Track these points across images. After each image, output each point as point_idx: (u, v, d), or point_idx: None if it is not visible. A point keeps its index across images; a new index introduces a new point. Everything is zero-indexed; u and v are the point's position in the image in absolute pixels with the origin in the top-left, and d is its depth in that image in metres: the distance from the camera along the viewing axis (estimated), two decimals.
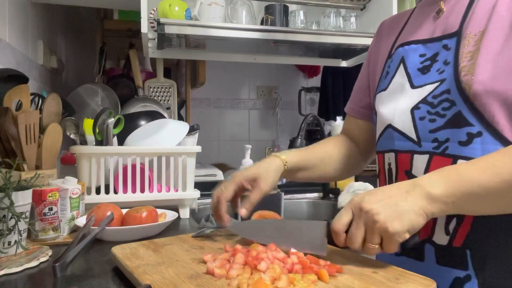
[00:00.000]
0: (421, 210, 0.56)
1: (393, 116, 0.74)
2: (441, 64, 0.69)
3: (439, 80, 0.68)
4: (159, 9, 1.42)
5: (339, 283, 0.54)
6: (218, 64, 2.55)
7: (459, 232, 0.65)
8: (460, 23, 0.68)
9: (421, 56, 0.73)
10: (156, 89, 1.93)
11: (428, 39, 0.73)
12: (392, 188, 0.60)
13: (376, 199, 0.58)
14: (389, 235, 0.55)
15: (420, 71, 0.72)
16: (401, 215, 0.55)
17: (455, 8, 0.71)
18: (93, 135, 1.16)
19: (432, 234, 0.68)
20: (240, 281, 0.53)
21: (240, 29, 1.44)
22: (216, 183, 1.69)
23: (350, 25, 1.66)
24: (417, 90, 0.71)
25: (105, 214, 0.91)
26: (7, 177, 0.77)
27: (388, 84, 0.79)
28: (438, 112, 0.67)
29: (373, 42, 0.94)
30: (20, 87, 0.97)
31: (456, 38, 0.68)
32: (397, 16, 0.91)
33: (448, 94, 0.66)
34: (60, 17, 1.97)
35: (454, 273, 0.65)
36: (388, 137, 0.76)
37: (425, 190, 0.56)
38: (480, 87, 0.62)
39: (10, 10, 1.24)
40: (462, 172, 0.57)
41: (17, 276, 0.68)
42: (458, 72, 0.65)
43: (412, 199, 0.56)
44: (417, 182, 0.58)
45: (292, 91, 2.84)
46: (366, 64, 0.94)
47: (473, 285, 0.64)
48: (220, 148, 2.78)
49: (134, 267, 0.62)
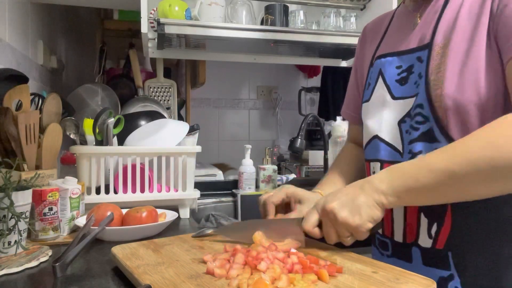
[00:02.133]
0: (374, 202, 0.63)
1: (380, 127, 0.78)
2: (416, 76, 0.72)
3: (415, 94, 0.71)
4: (159, 9, 1.42)
5: (339, 283, 0.54)
6: (218, 64, 2.55)
7: (440, 235, 0.69)
8: (431, 35, 0.71)
9: (398, 68, 0.77)
10: (156, 89, 1.93)
11: (402, 51, 0.76)
12: (349, 188, 0.67)
13: (335, 199, 0.65)
14: (353, 228, 0.63)
15: (399, 83, 0.76)
16: (359, 210, 0.63)
17: (427, 20, 0.74)
18: (93, 135, 1.16)
19: (417, 238, 0.73)
20: (240, 281, 0.53)
21: (240, 29, 1.45)
22: (216, 183, 1.70)
23: (350, 25, 1.66)
24: (399, 101, 0.75)
25: (105, 214, 0.90)
26: (7, 177, 0.77)
27: (370, 95, 0.83)
28: (412, 125, 0.71)
29: (358, 47, 0.96)
30: (20, 87, 0.97)
31: (428, 51, 0.70)
32: (378, 20, 0.93)
33: (421, 108, 0.69)
34: (60, 17, 1.97)
35: (439, 273, 0.70)
36: (374, 147, 0.80)
37: (375, 186, 0.64)
38: (449, 102, 0.65)
39: (10, 10, 1.24)
40: (403, 170, 0.64)
41: (17, 276, 0.68)
42: (429, 87, 0.68)
43: (365, 194, 0.64)
44: (368, 179, 0.66)
45: (292, 91, 2.84)
46: (354, 70, 0.97)
47: (456, 283, 0.68)
48: (220, 148, 2.78)
49: (134, 267, 0.62)
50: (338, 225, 0.64)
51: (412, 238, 0.73)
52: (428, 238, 0.71)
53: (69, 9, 2.12)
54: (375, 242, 0.85)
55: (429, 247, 0.71)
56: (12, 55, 1.23)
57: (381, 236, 0.81)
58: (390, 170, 0.65)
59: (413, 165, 0.63)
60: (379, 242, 0.82)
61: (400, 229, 0.76)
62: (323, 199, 0.67)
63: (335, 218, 0.63)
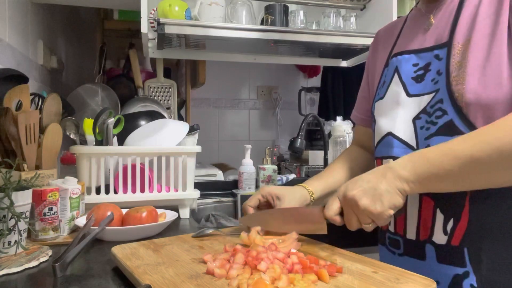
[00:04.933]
0: (396, 189, 0.63)
1: (394, 124, 0.78)
2: (434, 74, 0.73)
3: (435, 90, 0.72)
4: (159, 9, 1.42)
5: (339, 283, 0.54)
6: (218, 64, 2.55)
7: (456, 232, 0.69)
8: (449, 34, 0.72)
9: (414, 66, 0.77)
10: (156, 89, 1.93)
11: (420, 49, 0.77)
12: (370, 174, 0.67)
13: (357, 186, 0.65)
14: (375, 216, 0.64)
15: (414, 80, 0.76)
16: (380, 197, 0.63)
17: (443, 19, 0.75)
18: (93, 135, 1.16)
19: (431, 234, 0.72)
20: (240, 281, 0.53)
21: (240, 29, 1.44)
22: (216, 183, 1.70)
23: (350, 25, 1.66)
24: (414, 98, 0.76)
25: (105, 214, 0.90)
26: (7, 177, 0.77)
27: (385, 92, 0.83)
28: (432, 120, 0.71)
29: (370, 53, 0.98)
30: (20, 87, 0.97)
31: (447, 49, 0.71)
32: (391, 26, 0.95)
33: (441, 103, 0.70)
34: (60, 17, 1.97)
35: (454, 270, 0.69)
36: (387, 144, 0.80)
37: (397, 173, 0.64)
38: (471, 96, 0.66)
39: (10, 10, 1.24)
40: (427, 156, 0.63)
41: (17, 276, 0.68)
42: (450, 82, 0.69)
43: (387, 181, 0.64)
44: (390, 166, 0.65)
45: (292, 91, 2.84)
46: (365, 74, 0.98)
47: (472, 281, 0.67)
48: (220, 148, 2.78)
49: (134, 267, 0.62)
50: (360, 213, 0.65)
51: (426, 235, 0.73)
52: (443, 234, 0.70)
53: (69, 9, 2.12)
54: (384, 241, 0.84)
55: (444, 244, 0.70)
56: (12, 55, 1.23)
57: (393, 234, 0.80)
58: (413, 156, 0.65)
59: (436, 152, 0.63)
60: (390, 241, 0.81)
61: (413, 226, 0.75)
62: (344, 187, 0.67)
63: (357, 206, 0.64)
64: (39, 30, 1.57)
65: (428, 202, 0.72)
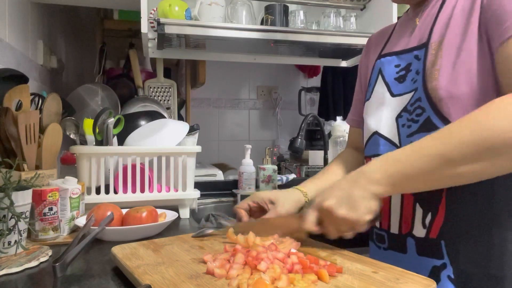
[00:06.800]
0: (370, 194, 0.64)
1: (379, 123, 0.81)
2: (414, 74, 0.76)
3: (414, 89, 0.75)
4: (159, 9, 1.42)
5: (339, 283, 0.54)
6: (218, 64, 2.55)
7: (434, 225, 0.72)
8: (428, 34, 0.75)
9: (396, 67, 0.81)
10: (156, 89, 1.93)
11: (401, 51, 0.81)
12: (343, 181, 0.68)
13: (331, 196, 0.66)
14: (352, 223, 0.65)
15: (397, 80, 0.79)
16: (355, 203, 0.64)
17: (425, 22, 0.78)
18: (93, 135, 1.16)
19: (412, 228, 0.75)
20: (240, 281, 0.53)
21: (240, 29, 1.44)
22: (216, 183, 1.70)
23: (350, 25, 1.66)
24: (397, 98, 0.78)
25: (105, 214, 0.90)
26: (7, 177, 0.77)
27: (371, 94, 0.87)
28: (413, 118, 0.74)
29: (362, 57, 1.01)
30: (20, 87, 0.97)
31: (424, 49, 0.74)
32: (382, 31, 0.98)
33: (420, 101, 0.73)
34: (60, 17, 1.97)
35: (432, 262, 0.72)
36: (374, 143, 0.82)
37: (369, 177, 0.65)
38: (444, 92, 0.68)
39: (10, 10, 1.24)
40: (397, 157, 0.65)
41: (17, 276, 0.68)
42: (425, 80, 0.72)
43: (360, 187, 0.65)
44: (361, 170, 0.67)
45: (292, 91, 2.84)
46: (358, 78, 1.01)
47: (449, 272, 0.70)
48: (220, 148, 2.78)
49: (134, 267, 0.62)
50: (337, 222, 0.66)
51: (407, 228, 0.76)
52: (422, 228, 0.73)
53: (69, 9, 2.12)
54: (372, 237, 0.87)
55: (423, 237, 0.73)
56: (12, 55, 1.23)
57: (378, 229, 0.83)
58: (383, 159, 0.66)
59: (405, 152, 0.64)
60: (376, 236, 0.84)
61: (396, 221, 0.78)
62: (320, 197, 0.69)
63: (333, 216, 0.65)
64: (39, 30, 1.57)
65: (408, 197, 0.75)
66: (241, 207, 0.87)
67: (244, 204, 0.88)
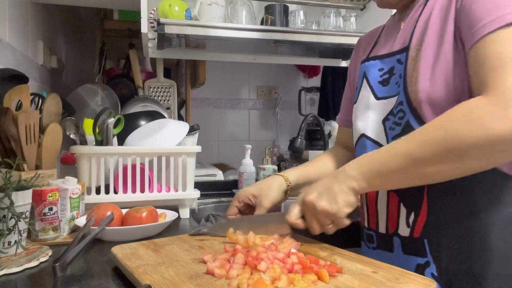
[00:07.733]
0: (348, 188, 0.68)
1: (366, 126, 0.84)
2: (397, 77, 0.78)
3: (397, 93, 0.77)
4: (159, 9, 1.42)
5: (339, 283, 0.54)
6: (218, 64, 2.55)
7: (417, 224, 0.74)
8: (409, 38, 0.76)
9: (380, 71, 0.83)
10: (156, 89, 1.93)
11: (384, 55, 0.83)
12: (325, 178, 0.72)
13: (313, 191, 0.71)
14: (332, 215, 0.69)
15: (381, 84, 0.82)
16: (335, 196, 0.68)
17: (409, 25, 0.79)
18: (93, 135, 1.15)
19: (397, 227, 0.77)
20: (240, 281, 0.53)
21: (240, 29, 1.44)
22: (216, 183, 1.70)
23: (350, 25, 1.66)
24: (382, 102, 0.80)
25: (105, 214, 0.90)
26: (7, 177, 0.77)
27: (357, 97, 0.89)
28: (396, 121, 0.76)
29: (351, 58, 1.03)
30: (20, 87, 0.97)
31: (405, 53, 0.76)
32: (371, 33, 1.00)
33: (401, 105, 0.75)
34: (60, 17, 1.97)
35: (416, 260, 0.74)
36: (362, 145, 0.85)
37: (347, 173, 0.69)
38: (423, 95, 0.70)
39: (10, 10, 1.24)
40: (372, 156, 0.69)
41: (17, 276, 0.68)
42: (406, 84, 0.74)
43: (339, 182, 0.69)
44: (342, 168, 0.71)
45: (292, 91, 2.83)
46: (348, 79, 1.03)
47: (432, 270, 0.72)
48: (220, 148, 2.78)
49: (134, 267, 0.62)
50: (319, 214, 0.69)
51: (393, 228, 0.78)
52: (406, 227, 0.75)
53: (69, 9, 2.12)
54: (363, 237, 0.89)
55: (407, 236, 0.75)
56: (12, 55, 1.23)
57: (368, 229, 0.85)
58: (361, 158, 0.70)
59: (380, 152, 0.68)
60: (366, 236, 0.86)
61: (383, 220, 0.80)
62: (303, 193, 0.73)
63: (315, 208, 0.69)
64: (39, 30, 1.57)
65: (393, 197, 0.77)
66: (231, 213, 0.90)
67: (233, 209, 0.90)
